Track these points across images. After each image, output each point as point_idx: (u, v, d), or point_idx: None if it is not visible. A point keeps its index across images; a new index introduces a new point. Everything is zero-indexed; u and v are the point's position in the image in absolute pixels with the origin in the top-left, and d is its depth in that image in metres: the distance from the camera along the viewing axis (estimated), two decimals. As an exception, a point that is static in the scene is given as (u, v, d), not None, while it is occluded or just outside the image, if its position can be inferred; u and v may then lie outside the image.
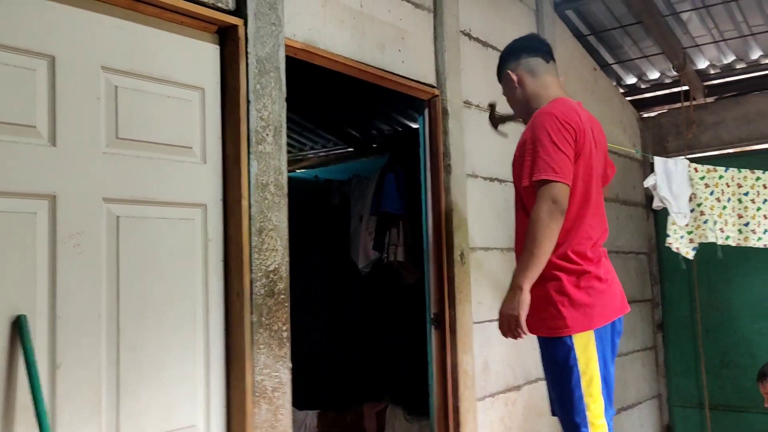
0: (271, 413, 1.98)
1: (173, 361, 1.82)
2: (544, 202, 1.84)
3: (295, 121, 5.26)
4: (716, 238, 3.11)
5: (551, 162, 1.86)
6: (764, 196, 3.11)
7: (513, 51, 2.27)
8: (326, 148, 5.80)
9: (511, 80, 2.21)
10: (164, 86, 1.88)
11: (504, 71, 2.26)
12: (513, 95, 2.23)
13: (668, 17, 4.01)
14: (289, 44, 2.18)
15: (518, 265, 1.92)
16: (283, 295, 2.06)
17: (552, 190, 1.84)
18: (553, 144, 1.89)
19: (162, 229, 1.83)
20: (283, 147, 2.10)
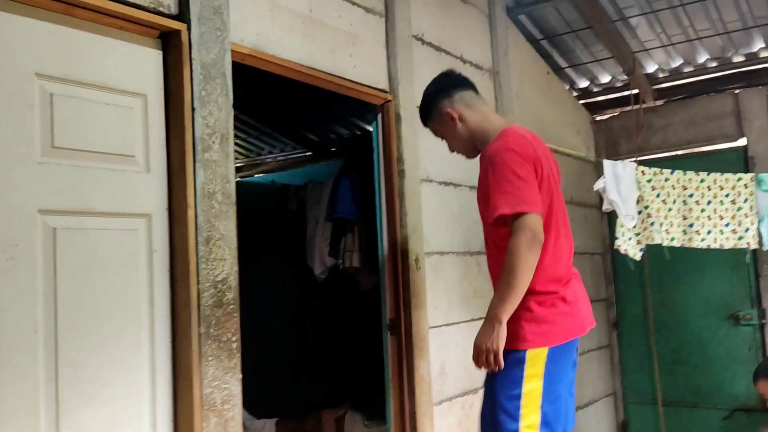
0: (220, 426, 1.94)
1: (116, 376, 1.77)
2: (523, 234, 1.81)
3: (253, 126, 5.20)
4: (662, 240, 3.18)
5: (522, 195, 1.85)
6: (708, 198, 3.19)
7: (441, 89, 2.21)
8: (284, 152, 5.75)
9: (450, 118, 2.15)
10: (103, 93, 1.82)
11: (439, 110, 2.18)
12: (454, 133, 2.17)
13: (617, 22, 4.09)
14: (236, 50, 2.14)
15: (496, 296, 1.88)
16: (233, 305, 2.02)
17: (529, 222, 1.82)
18: (519, 178, 1.87)
19: (103, 240, 1.78)
20: (231, 154, 2.06)
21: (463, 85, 2.21)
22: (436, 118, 2.18)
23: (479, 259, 3.35)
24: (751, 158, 4.26)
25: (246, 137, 5.47)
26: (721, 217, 3.18)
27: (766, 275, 4.18)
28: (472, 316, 3.25)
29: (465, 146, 2.18)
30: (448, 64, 3.30)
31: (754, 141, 4.27)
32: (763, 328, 4.19)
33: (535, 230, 1.81)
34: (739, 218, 3.15)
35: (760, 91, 4.29)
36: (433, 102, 2.19)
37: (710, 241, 3.23)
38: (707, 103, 4.50)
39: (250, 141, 5.58)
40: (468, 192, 3.33)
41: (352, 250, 3.45)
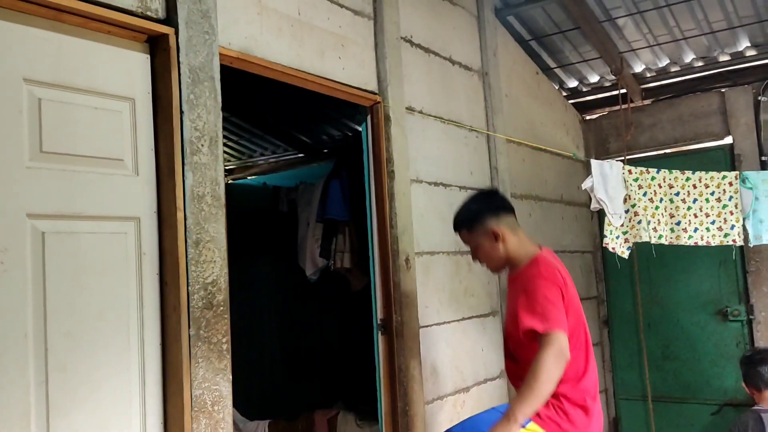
0: (211, 427, 1.95)
1: (106, 379, 1.78)
2: (551, 349, 1.96)
3: (244, 128, 5.21)
4: (650, 238, 3.21)
5: (550, 316, 2.01)
6: (694, 196, 3.22)
7: (491, 208, 2.32)
8: (276, 154, 5.76)
9: (494, 237, 2.27)
10: (92, 97, 1.83)
11: (484, 226, 2.28)
12: (492, 250, 2.28)
13: (605, 23, 4.12)
14: (224, 53, 2.15)
15: (518, 398, 1.99)
16: (222, 306, 2.03)
17: (556, 339, 1.97)
18: (549, 302, 2.05)
19: (92, 243, 1.79)
20: (220, 157, 2.08)
21: (508, 209, 2.36)
22: (479, 231, 2.29)
23: (469, 258, 3.37)
24: (737, 156, 4.30)
25: (238, 139, 5.48)
26: (707, 214, 3.21)
27: (753, 271, 4.22)
28: (462, 315, 3.27)
29: (497, 263, 2.32)
30: (437, 66, 3.33)
31: (740, 139, 4.32)
32: (751, 324, 4.23)
33: (562, 347, 1.97)
34: (724, 215, 3.19)
35: (746, 89, 4.34)
36: (480, 217, 2.29)
37: (697, 238, 3.26)
38: (694, 101, 4.54)
39: (242, 143, 5.58)
40: (458, 192, 3.35)
41: (342, 251, 3.46)
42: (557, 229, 4.32)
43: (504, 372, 3.52)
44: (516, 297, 2.16)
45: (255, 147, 5.67)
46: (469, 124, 3.48)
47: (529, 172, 4.06)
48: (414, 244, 2.93)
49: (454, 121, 3.36)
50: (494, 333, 3.49)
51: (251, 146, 5.65)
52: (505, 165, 3.68)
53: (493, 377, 3.45)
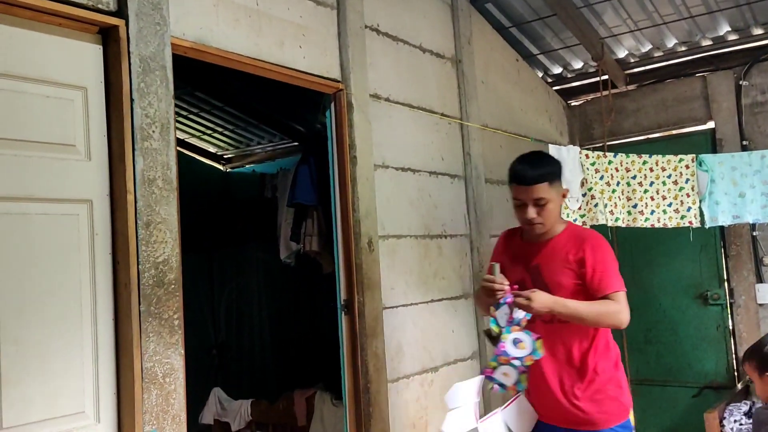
0: (162, 398, 2.06)
1: (58, 352, 1.89)
2: (625, 309, 2.18)
3: (240, 118, 5.33)
4: (606, 220, 3.26)
5: (622, 280, 2.23)
6: (651, 179, 3.26)
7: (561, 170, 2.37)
8: (272, 143, 5.88)
9: (563, 196, 2.34)
10: (44, 86, 1.94)
11: (560, 184, 2.31)
12: (557, 209, 2.30)
13: (583, 9, 4.14)
14: (177, 43, 2.25)
15: (576, 303, 2.17)
16: (174, 285, 2.14)
17: (626, 302, 2.19)
18: (617, 265, 2.27)
19: (45, 224, 1.90)
20: (172, 143, 2.18)
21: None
22: (557, 186, 2.28)
23: (440, 242, 3.46)
24: (719, 140, 4.32)
25: (234, 128, 5.60)
26: (663, 197, 3.25)
27: (734, 255, 4.24)
28: (432, 297, 3.36)
29: (551, 223, 2.29)
30: (406, 54, 3.40)
31: (722, 123, 4.33)
32: (731, 308, 4.26)
33: (629, 312, 2.19)
34: (681, 198, 3.22)
35: (727, 74, 4.34)
36: (559, 174, 2.32)
37: (654, 220, 3.30)
38: (677, 86, 4.56)
39: (238, 132, 5.71)
40: (427, 177, 3.43)
41: (311, 234, 3.57)
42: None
43: (476, 353, 3.62)
44: (564, 261, 2.25)
45: (251, 136, 5.79)
46: (440, 111, 3.55)
47: (507, 158, 4.06)
48: (378, 227, 3.02)
49: (424, 108, 3.43)
50: (466, 315, 3.57)
51: (247, 135, 5.77)
52: (478, 151, 3.74)
53: (464, 358, 3.53)
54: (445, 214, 3.51)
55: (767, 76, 4.24)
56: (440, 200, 3.48)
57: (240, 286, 4.82)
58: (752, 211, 3.14)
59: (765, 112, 4.23)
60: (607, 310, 2.15)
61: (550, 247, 2.30)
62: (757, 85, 4.26)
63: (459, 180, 3.65)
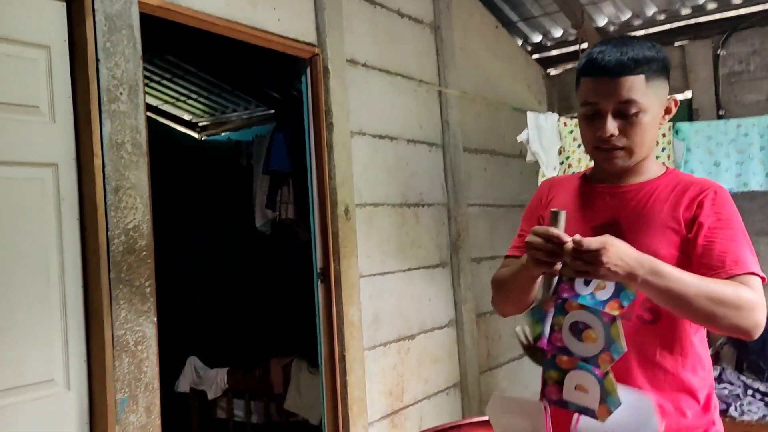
0: (134, 365, 2.04)
1: (25, 318, 1.85)
2: (763, 306, 1.26)
3: (214, 83, 5.22)
4: (583, 188, 3.25)
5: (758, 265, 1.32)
6: (628, 147, 3.25)
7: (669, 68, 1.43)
8: (248, 110, 5.78)
9: (668, 109, 1.43)
10: (5, 45, 1.86)
11: (666, 88, 1.41)
12: (654, 128, 1.39)
13: (563, -26, 4.10)
14: (145, 2, 2.17)
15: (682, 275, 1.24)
16: (146, 252, 2.09)
17: (764, 297, 1.27)
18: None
19: (7, 188, 1.84)
20: (141, 106, 2.11)
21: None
22: (658, 90, 1.37)
23: (417, 210, 3.44)
24: (695, 110, 4.32)
25: (208, 95, 5.49)
26: (640, 165, 3.25)
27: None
28: (409, 266, 3.35)
29: (646, 146, 1.39)
30: (383, 18, 3.33)
31: (699, 93, 4.33)
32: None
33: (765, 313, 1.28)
34: (657, 166, 3.23)
35: (705, 43, 4.33)
36: (665, 70, 1.40)
37: (629, 188, 3.31)
38: (655, 56, 4.54)
39: (212, 99, 5.60)
40: (405, 145, 3.39)
41: (287, 202, 3.53)
42: (515, 184, 4.36)
43: (452, 321, 3.63)
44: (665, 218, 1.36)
45: (227, 103, 5.68)
46: (418, 78, 3.50)
47: (486, 127, 4.09)
48: (355, 195, 2.98)
49: (402, 75, 3.38)
50: (443, 283, 3.57)
51: (223, 102, 5.66)
52: (456, 119, 3.71)
53: (441, 326, 3.55)
54: (423, 182, 3.49)
55: (745, 45, 4.24)
56: (418, 168, 3.46)
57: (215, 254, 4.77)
58: (726, 179, 3.16)
59: (742, 81, 4.25)
60: (738, 296, 1.22)
61: (641, 196, 1.40)
62: (735, 55, 4.27)
63: (437, 148, 3.62)
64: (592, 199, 1.46)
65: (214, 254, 4.85)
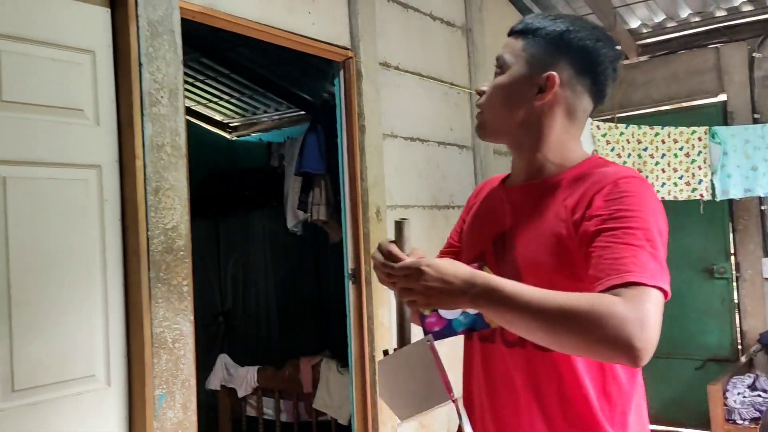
0: (172, 363, 2.08)
1: (69, 315, 1.91)
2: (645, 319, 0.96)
3: (246, 86, 5.29)
4: (616, 192, 3.23)
5: (666, 269, 1.05)
6: (662, 151, 3.23)
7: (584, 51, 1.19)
8: (279, 111, 5.84)
9: (546, 81, 1.18)
10: (53, 50, 1.92)
11: (551, 60, 1.19)
12: (510, 93, 1.21)
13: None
14: (186, 7, 2.22)
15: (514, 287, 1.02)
16: (183, 251, 2.14)
17: (657, 312, 1.00)
18: (663, 244, 1.07)
19: (53, 189, 1.90)
20: (180, 109, 2.16)
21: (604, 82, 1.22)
22: (537, 60, 1.19)
23: (447, 212, 3.45)
24: (730, 113, 4.26)
25: (240, 97, 5.56)
26: (675, 169, 3.23)
27: (740, 229, 4.22)
28: (438, 268, 3.35)
29: (491, 108, 1.23)
30: (416, 22, 3.35)
31: (734, 96, 4.27)
32: (737, 281, 4.25)
33: (656, 334, 0.99)
34: (692, 170, 3.20)
35: (740, 46, 4.27)
36: (554, 42, 1.19)
37: (664, 193, 3.28)
38: (689, 58, 4.49)
39: (244, 100, 5.67)
40: (436, 148, 3.41)
41: (318, 203, 3.57)
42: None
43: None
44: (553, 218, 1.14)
45: (258, 105, 5.76)
46: (450, 81, 3.51)
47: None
48: (386, 197, 3.01)
49: (434, 77, 3.39)
50: (472, 286, 3.57)
51: (254, 104, 5.74)
52: (487, 121, 3.70)
53: (470, 328, 3.54)
54: (453, 184, 3.50)
55: (782, 48, 4.17)
56: (448, 171, 3.47)
57: (246, 254, 4.84)
58: (764, 184, 3.12)
59: (778, 84, 4.17)
60: (592, 308, 0.95)
61: (536, 196, 1.19)
62: (771, 58, 4.20)
63: (467, 150, 3.63)
64: (498, 202, 1.28)
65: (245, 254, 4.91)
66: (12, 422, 1.76)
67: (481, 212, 1.34)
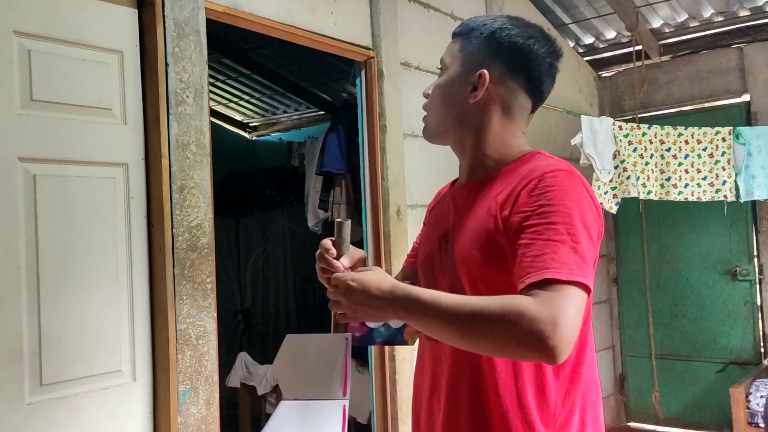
0: (195, 359, 2.11)
1: (96, 311, 1.94)
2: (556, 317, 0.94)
3: (266, 86, 5.33)
4: (638, 193, 3.22)
5: (589, 265, 1.03)
6: (686, 152, 3.20)
7: (514, 48, 1.22)
8: (298, 111, 5.88)
9: (479, 79, 1.23)
10: (81, 50, 1.95)
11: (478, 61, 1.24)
12: (449, 93, 1.27)
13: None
14: (211, 8, 2.24)
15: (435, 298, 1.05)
16: (207, 249, 2.17)
17: (581, 304, 0.99)
18: (588, 236, 1.06)
19: (82, 187, 1.93)
20: (205, 108, 2.18)
21: (540, 85, 1.27)
22: (472, 59, 1.24)
23: (467, 212, 3.45)
24: (753, 114, 4.22)
25: (260, 96, 5.61)
26: (698, 170, 3.20)
27: (764, 231, 4.18)
28: (458, 268, 3.36)
29: (434, 110, 1.30)
30: (437, 22, 3.35)
31: (758, 96, 4.22)
32: (760, 284, 4.21)
33: (572, 330, 0.96)
34: (716, 171, 3.17)
35: (764, 45, 4.22)
36: (486, 41, 1.24)
37: (687, 194, 3.25)
38: (712, 58, 4.45)
39: (263, 100, 5.71)
40: (456, 147, 3.40)
41: (339, 203, 3.58)
42: (565, 186, 4.32)
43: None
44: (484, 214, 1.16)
45: (277, 104, 5.80)
46: (470, 80, 3.50)
47: (535, 130, 4.03)
48: (406, 196, 3.01)
49: (454, 77, 3.39)
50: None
51: (273, 104, 5.78)
52: (507, 121, 3.70)
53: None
54: (473, 184, 3.49)
55: (807, 47, 4.12)
56: (468, 170, 3.46)
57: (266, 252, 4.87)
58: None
59: (804, 85, 4.12)
60: (501, 307, 0.96)
61: (474, 194, 1.23)
62: (797, 57, 4.15)
63: (487, 150, 3.62)
64: (445, 205, 1.33)
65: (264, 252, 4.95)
66: (41, 416, 1.79)
67: (433, 216, 1.40)
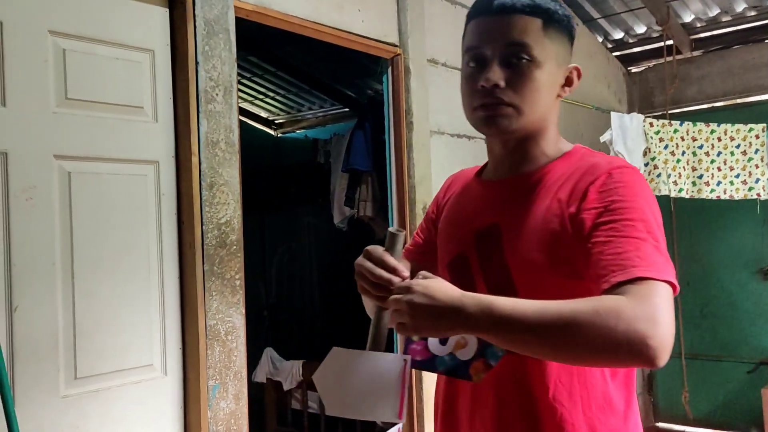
0: (224, 354, 2.13)
1: (128, 306, 1.97)
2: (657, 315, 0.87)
3: (292, 83, 5.35)
4: (669, 191, 3.16)
5: (669, 263, 0.96)
6: (718, 149, 3.14)
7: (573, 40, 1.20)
8: (323, 108, 5.90)
9: (565, 79, 1.17)
10: (114, 49, 1.98)
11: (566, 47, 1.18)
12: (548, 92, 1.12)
13: (648, -30, 3.98)
14: (240, 6, 2.26)
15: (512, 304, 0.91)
16: (236, 246, 2.19)
17: (670, 304, 0.91)
18: (663, 236, 1.00)
19: (115, 184, 1.96)
20: (234, 106, 2.20)
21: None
22: (555, 43, 1.13)
23: (493, 210, 3.43)
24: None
25: (285, 94, 5.63)
26: (731, 168, 3.14)
27: (798, 230, 4.09)
28: (484, 266, 3.34)
29: (538, 109, 1.10)
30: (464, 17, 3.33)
31: (792, 92, 4.13)
32: (794, 284, 4.12)
33: (671, 330, 0.88)
34: (749, 169, 3.11)
35: (800, 39, 4.12)
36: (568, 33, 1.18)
37: (720, 192, 3.19)
38: (745, 53, 4.35)
39: (289, 98, 5.74)
40: (482, 145, 3.38)
41: (365, 200, 3.59)
42: (593, 184, 4.27)
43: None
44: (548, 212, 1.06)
45: (303, 102, 5.82)
46: (497, 77, 3.48)
47: (563, 126, 3.99)
48: (432, 193, 3.00)
49: (481, 74, 3.37)
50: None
51: (299, 101, 5.81)
52: (535, 118, 3.67)
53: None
54: (500, 181, 3.47)
55: None
56: (495, 168, 3.44)
57: (292, 249, 4.90)
58: (824, 183, 3.01)
59: (841, 80, 4.02)
60: (594, 309, 0.87)
61: (526, 189, 1.12)
62: (833, 52, 4.04)
63: (514, 147, 3.59)
64: (477, 197, 1.20)
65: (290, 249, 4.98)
66: (75, 408, 1.83)
67: (456, 209, 1.26)
